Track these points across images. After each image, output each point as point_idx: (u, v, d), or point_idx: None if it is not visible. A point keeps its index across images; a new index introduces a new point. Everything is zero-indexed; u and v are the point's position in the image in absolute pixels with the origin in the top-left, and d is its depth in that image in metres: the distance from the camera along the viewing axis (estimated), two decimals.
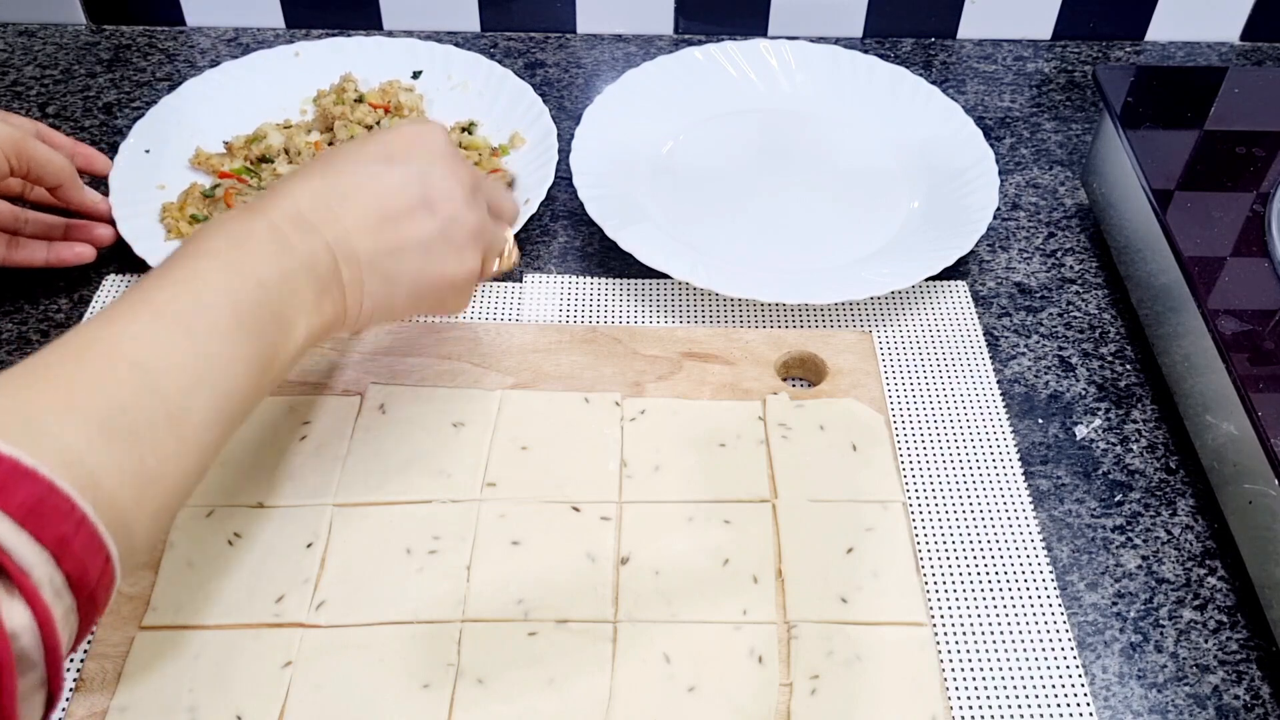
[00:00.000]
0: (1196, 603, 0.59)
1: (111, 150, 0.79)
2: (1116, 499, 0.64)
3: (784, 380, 0.68)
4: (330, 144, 0.79)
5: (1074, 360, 0.71)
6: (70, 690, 0.54)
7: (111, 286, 0.73)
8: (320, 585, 0.56)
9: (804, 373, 0.69)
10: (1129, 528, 0.63)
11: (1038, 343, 0.72)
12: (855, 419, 0.64)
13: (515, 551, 0.58)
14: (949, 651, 0.56)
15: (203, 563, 0.57)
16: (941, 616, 0.58)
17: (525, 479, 0.61)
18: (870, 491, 0.61)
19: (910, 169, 0.82)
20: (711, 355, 0.68)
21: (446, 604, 0.56)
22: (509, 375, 0.66)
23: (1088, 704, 0.55)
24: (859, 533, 0.59)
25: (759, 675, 0.53)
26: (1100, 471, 0.65)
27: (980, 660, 0.56)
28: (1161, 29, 0.99)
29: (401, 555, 0.57)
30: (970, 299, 0.75)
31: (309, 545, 0.58)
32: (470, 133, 0.83)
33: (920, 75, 0.87)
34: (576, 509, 0.60)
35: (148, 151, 0.79)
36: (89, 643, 0.55)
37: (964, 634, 0.57)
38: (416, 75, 0.88)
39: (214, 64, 0.88)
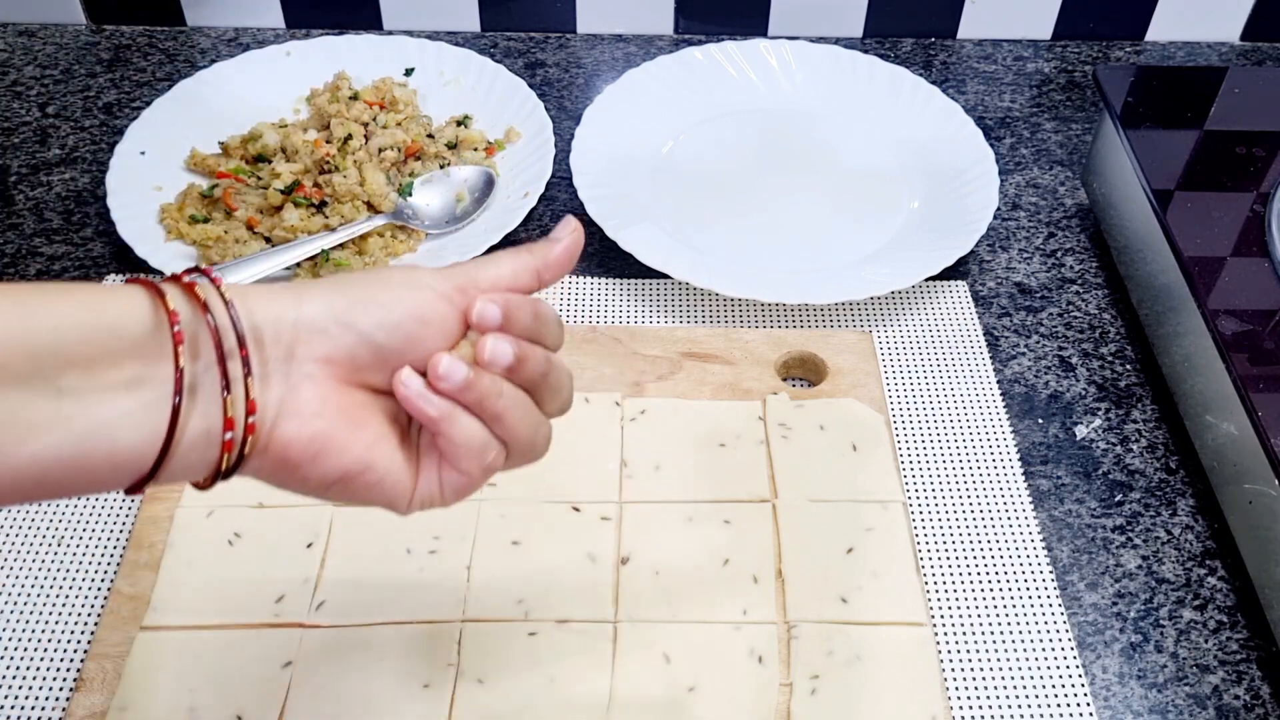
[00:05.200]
0: (1196, 603, 0.59)
1: (110, 150, 0.79)
2: (1116, 499, 0.64)
3: (784, 380, 0.68)
4: (327, 141, 0.78)
5: (1074, 360, 0.71)
6: (70, 690, 0.54)
7: None
8: (320, 585, 0.56)
9: (804, 373, 0.69)
10: (1129, 528, 0.63)
11: (1038, 343, 0.72)
12: (855, 419, 0.64)
13: (515, 551, 0.58)
14: (949, 651, 0.56)
15: (203, 563, 0.57)
16: (941, 616, 0.58)
17: (525, 479, 0.60)
18: (870, 491, 0.61)
19: (910, 169, 0.82)
20: (711, 355, 0.68)
21: (446, 604, 0.56)
22: None
23: (1088, 704, 0.55)
24: (859, 533, 0.59)
25: (759, 675, 0.53)
26: (1100, 471, 0.65)
27: (980, 660, 0.56)
28: (1161, 29, 0.99)
29: (402, 555, 0.57)
30: (970, 299, 0.74)
31: (309, 545, 0.58)
32: (466, 126, 0.83)
33: (920, 75, 0.87)
34: (576, 509, 0.60)
35: (143, 153, 0.79)
36: (89, 643, 0.55)
37: (964, 634, 0.57)
38: (409, 73, 0.88)
39: (214, 64, 0.88)
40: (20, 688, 0.54)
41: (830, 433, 0.63)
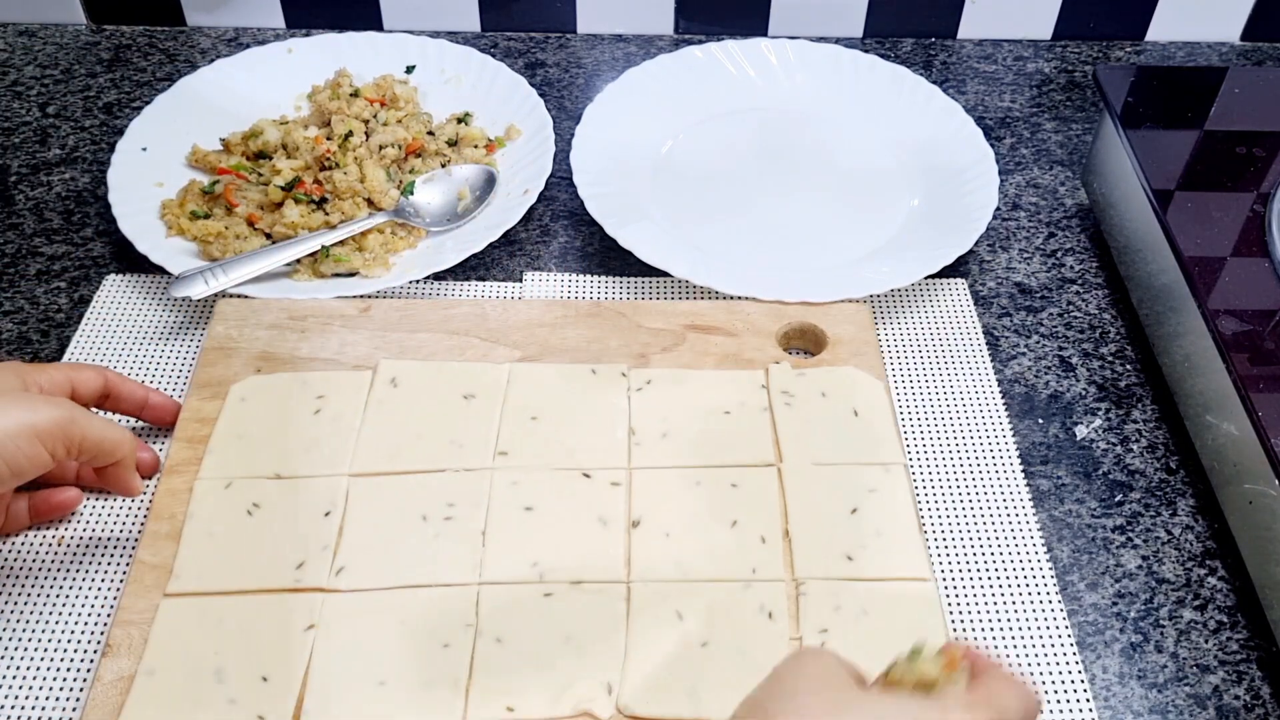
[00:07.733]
0: (1197, 603, 0.59)
1: (110, 150, 0.79)
2: (1117, 499, 0.64)
3: (785, 350, 0.69)
4: (328, 138, 0.78)
5: (1074, 360, 0.71)
6: (96, 656, 0.54)
7: (112, 286, 0.73)
8: (339, 552, 0.57)
9: (804, 343, 0.69)
10: (1129, 528, 0.63)
11: (1038, 343, 0.72)
12: (856, 385, 0.65)
13: (529, 517, 0.58)
14: None
15: (223, 532, 0.57)
16: (941, 616, 0.58)
17: (536, 447, 0.62)
18: (872, 454, 0.62)
19: (910, 169, 0.82)
20: (714, 327, 0.68)
21: (463, 567, 0.56)
22: (516, 349, 0.67)
23: (1088, 704, 0.55)
24: (862, 494, 0.60)
25: (769, 630, 0.54)
26: (1100, 471, 0.65)
27: None
28: (1161, 29, 0.99)
29: (418, 522, 0.58)
30: (970, 298, 0.74)
31: (327, 514, 0.58)
32: (466, 123, 0.83)
33: (920, 75, 0.87)
34: (587, 475, 0.60)
35: (145, 149, 0.79)
36: (112, 610, 0.56)
37: (964, 634, 0.57)
38: (410, 70, 0.88)
39: (216, 61, 0.88)
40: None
41: (832, 399, 0.64)
